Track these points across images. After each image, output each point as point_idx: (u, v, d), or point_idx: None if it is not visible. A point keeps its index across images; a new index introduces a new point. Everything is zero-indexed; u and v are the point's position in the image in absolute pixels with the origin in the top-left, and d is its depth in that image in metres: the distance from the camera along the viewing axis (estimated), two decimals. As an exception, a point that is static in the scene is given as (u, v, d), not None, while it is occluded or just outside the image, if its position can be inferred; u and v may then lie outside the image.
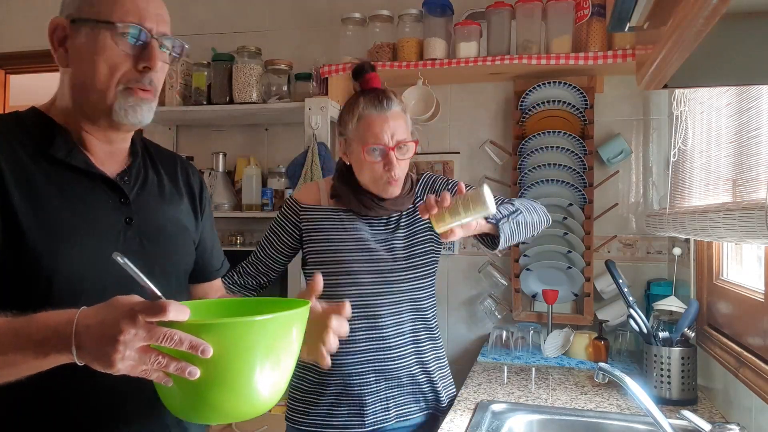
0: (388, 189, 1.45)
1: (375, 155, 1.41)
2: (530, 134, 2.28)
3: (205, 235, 1.19)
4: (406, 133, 1.44)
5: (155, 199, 1.07)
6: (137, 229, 1.01)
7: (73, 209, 0.95)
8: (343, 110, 1.49)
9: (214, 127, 2.77)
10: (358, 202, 1.48)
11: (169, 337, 0.72)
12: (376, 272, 1.46)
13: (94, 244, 0.95)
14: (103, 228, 0.97)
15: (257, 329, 0.79)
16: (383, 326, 1.46)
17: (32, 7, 2.98)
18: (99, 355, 0.73)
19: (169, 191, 1.11)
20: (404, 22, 2.31)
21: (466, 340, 2.45)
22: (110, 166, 1.02)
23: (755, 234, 1.03)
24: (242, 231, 2.67)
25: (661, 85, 0.86)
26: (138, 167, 1.07)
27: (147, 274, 0.91)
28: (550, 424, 1.50)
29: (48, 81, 4.41)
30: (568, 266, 2.23)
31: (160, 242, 1.04)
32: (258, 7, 2.74)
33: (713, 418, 1.48)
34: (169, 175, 1.13)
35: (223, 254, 1.28)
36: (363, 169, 1.45)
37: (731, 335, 1.49)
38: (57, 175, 0.95)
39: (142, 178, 1.07)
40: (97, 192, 0.98)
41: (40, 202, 0.92)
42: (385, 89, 1.47)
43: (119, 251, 0.90)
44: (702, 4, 0.58)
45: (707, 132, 1.59)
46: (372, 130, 1.41)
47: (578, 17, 2.14)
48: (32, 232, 0.90)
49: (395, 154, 1.41)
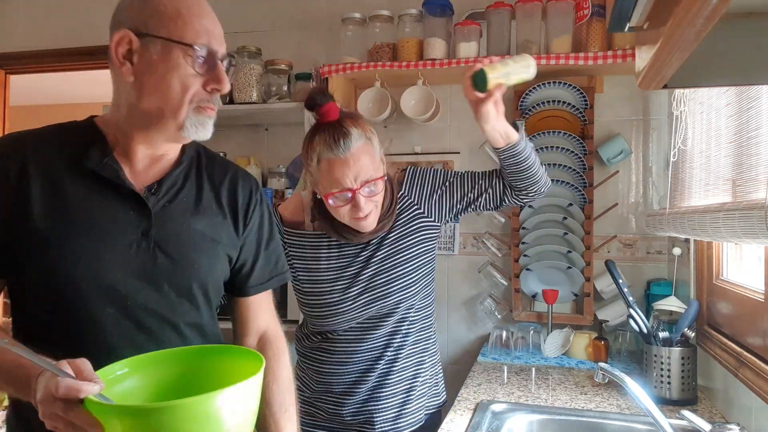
0: (360, 225, 1.35)
1: (340, 200, 1.32)
2: (530, 134, 2.28)
3: (246, 248, 1.14)
4: (372, 169, 1.31)
5: (184, 211, 1.05)
6: (154, 241, 1.00)
7: (91, 219, 0.97)
8: (304, 143, 1.37)
9: (214, 127, 2.76)
10: (337, 234, 1.40)
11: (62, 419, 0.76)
12: (359, 295, 1.41)
13: (107, 254, 0.97)
14: (115, 240, 0.98)
15: (185, 413, 0.71)
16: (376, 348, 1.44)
17: (32, 7, 2.97)
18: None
19: (206, 203, 1.08)
20: (404, 22, 2.30)
21: (466, 340, 2.45)
22: (148, 174, 1.03)
23: (755, 234, 1.03)
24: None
25: (661, 85, 0.86)
26: (176, 177, 1.06)
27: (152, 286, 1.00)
28: (550, 424, 1.50)
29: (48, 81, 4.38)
30: (568, 266, 2.23)
31: (177, 255, 1.02)
32: (258, 7, 2.74)
33: (713, 418, 1.48)
34: (213, 186, 1.10)
35: (275, 272, 1.19)
36: (333, 210, 1.35)
37: (731, 335, 1.49)
38: (85, 185, 0.98)
39: (176, 189, 1.05)
40: (120, 203, 0.99)
41: (59, 212, 0.96)
42: (342, 122, 1.30)
43: (129, 261, 0.98)
44: (702, 4, 0.58)
45: (707, 132, 1.59)
46: (333, 175, 1.29)
47: (578, 17, 2.13)
48: (50, 240, 0.94)
49: (361, 194, 1.30)
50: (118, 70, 0.97)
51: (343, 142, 1.28)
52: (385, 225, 1.41)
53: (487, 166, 2.43)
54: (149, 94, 0.96)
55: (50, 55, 2.84)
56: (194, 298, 1.05)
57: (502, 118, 1.37)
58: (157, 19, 0.95)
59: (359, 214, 1.32)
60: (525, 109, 2.32)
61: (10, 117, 3.12)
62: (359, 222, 1.34)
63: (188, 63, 0.96)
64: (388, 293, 1.42)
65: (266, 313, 1.20)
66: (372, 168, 1.32)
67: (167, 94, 0.96)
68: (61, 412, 0.75)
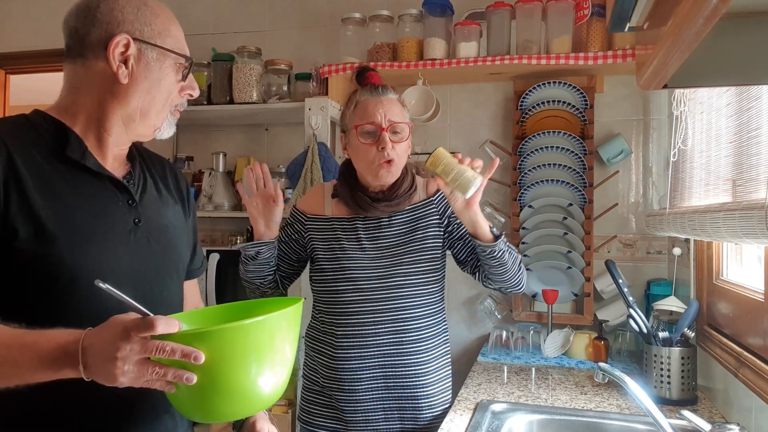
0: (381, 172, 1.45)
1: (368, 136, 1.45)
2: (530, 134, 2.28)
3: (191, 235, 1.23)
4: (400, 117, 1.47)
5: (155, 202, 1.11)
6: (144, 229, 1.05)
7: (91, 210, 0.99)
8: (346, 99, 1.56)
9: (214, 127, 2.77)
10: (354, 202, 1.50)
11: (161, 348, 0.79)
12: (374, 277, 1.48)
13: (110, 244, 0.99)
14: (117, 228, 1.01)
15: (246, 332, 0.83)
16: (386, 331, 1.47)
17: (32, 7, 2.98)
18: (102, 372, 0.80)
19: (165, 193, 1.15)
20: (404, 22, 2.31)
21: (466, 340, 2.45)
22: (115, 170, 1.06)
23: (755, 234, 1.03)
24: (242, 231, 2.67)
25: (661, 85, 0.86)
26: (138, 171, 1.11)
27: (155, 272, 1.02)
28: (550, 424, 1.50)
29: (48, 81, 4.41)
30: (568, 266, 2.23)
31: (162, 242, 1.08)
32: (258, 7, 2.74)
33: (713, 418, 1.48)
34: (161, 178, 1.17)
35: (203, 255, 1.30)
36: (359, 154, 1.47)
37: (731, 335, 1.49)
38: (71, 176, 0.99)
39: (143, 181, 1.11)
40: (108, 193, 1.02)
41: (60, 204, 0.95)
42: (383, 83, 1.53)
43: (130, 251, 1.01)
44: (702, 4, 0.58)
45: (707, 132, 1.59)
46: (366, 111, 1.46)
47: (578, 17, 2.13)
48: (55, 233, 0.94)
49: (388, 134, 1.44)
50: (103, 69, 0.99)
51: (381, 89, 1.50)
52: (401, 203, 1.51)
53: (487, 165, 2.43)
54: (139, 97, 1.02)
55: (50, 55, 2.84)
56: (175, 283, 1.13)
57: (481, 220, 1.40)
58: (152, 29, 1.02)
59: (384, 156, 1.43)
60: (525, 109, 2.33)
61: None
62: (382, 168, 1.44)
63: (176, 72, 1.05)
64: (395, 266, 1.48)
65: (197, 296, 1.29)
66: (401, 116, 1.48)
67: (155, 98, 1.03)
68: (155, 349, 0.78)
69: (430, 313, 1.52)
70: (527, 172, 2.28)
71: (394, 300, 1.47)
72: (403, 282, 1.47)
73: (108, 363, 0.78)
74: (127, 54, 0.99)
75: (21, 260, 0.93)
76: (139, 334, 0.78)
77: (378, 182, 1.48)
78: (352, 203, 1.51)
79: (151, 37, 1.01)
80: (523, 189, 2.29)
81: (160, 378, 0.80)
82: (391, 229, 1.51)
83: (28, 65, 3.03)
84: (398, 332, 1.47)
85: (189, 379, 0.80)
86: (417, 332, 1.49)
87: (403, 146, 1.48)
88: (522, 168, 2.30)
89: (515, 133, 2.35)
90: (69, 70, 1.04)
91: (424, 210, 1.53)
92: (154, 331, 0.78)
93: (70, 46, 1.02)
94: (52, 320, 0.87)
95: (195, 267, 1.25)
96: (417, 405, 1.48)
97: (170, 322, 0.80)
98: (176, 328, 0.81)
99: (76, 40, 1.01)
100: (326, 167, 2.21)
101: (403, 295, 1.48)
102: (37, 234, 0.92)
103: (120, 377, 0.79)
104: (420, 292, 1.50)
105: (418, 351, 1.49)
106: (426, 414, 1.50)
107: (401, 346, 1.47)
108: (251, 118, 2.58)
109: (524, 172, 2.29)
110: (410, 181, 1.53)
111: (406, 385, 1.48)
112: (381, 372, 1.47)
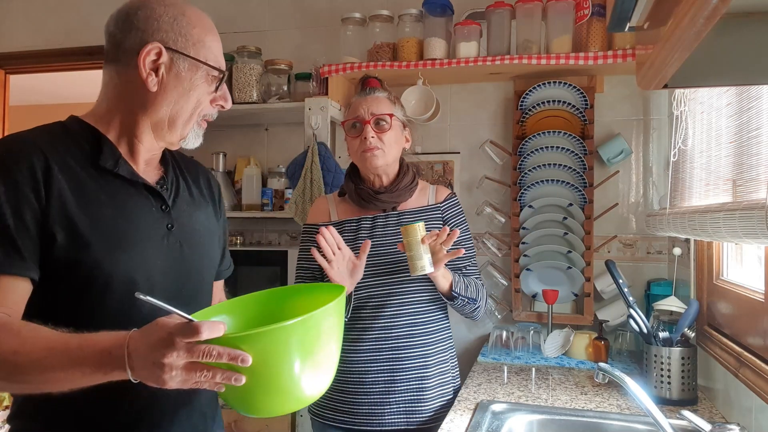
0: (365, 156, 1.54)
1: (353, 129, 1.56)
2: (530, 134, 2.28)
3: (222, 237, 1.25)
4: (385, 110, 1.56)
5: (188, 206, 1.13)
6: (177, 234, 1.07)
7: (125, 216, 1.00)
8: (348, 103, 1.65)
9: (213, 126, 2.74)
10: (359, 196, 1.59)
11: (208, 353, 0.79)
12: (382, 273, 1.54)
13: (143, 250, 1.01)
14: (150, 234, 1.03)
15: (291, 332, 0.84)
16: (394, 325, 1.53)
17: (32, 7, 2.97)
18: (150, 376, 0.81)
19: (197, 197, 1.17)
20: (404, 22, 2.30)
21: (466, 340, 2.45)
22: (149, 175, 1.08)
23: (755, 234, 1.03)
24: (242, 231, 2.67)
25: (661, 85, 0.86)
26: (171, 175, 1.12)
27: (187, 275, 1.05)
28: (550, 424, 1.50)
29: (48, 81, 4.38)
30: (568, 266, 2.23)
31: (195, 246, 1.10)
32: (258, 7, 2.74)
33: (713, 418, 1.48)
34: (194, 181, 1.19)
35: (230, 256, 1.31)
36: (349, 147, 1.60)
37: (731, 335, 1.49)
38: (106, 183, 1.00)
39: (176, 186, 1.12)
40: (142, 200, 1.04)
41: (95, 210, 0.97)
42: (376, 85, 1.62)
43: (163, 256, 1.03)
44: (702, 4, 0.58)
45: (707, 132, 1.59)
46: (353, 108, 1.58)
47: (578, 17, 2.13)
48: (91, 239, 0.95)
49: (371, 125, 1.53)
50: (135, 77, 1.00)
51: (369, 90, 1.61)
52: (402, 195, 1.60)
53: (487, 166, 2.44)
54: (167, 105, 1.03)
55: (50, 55, 2.84)
56: (206, 286, 1.14)
57: (440, 280, 1.50)
58: (186, 39, 1.02)
59: (366, 145, 1.53)
60: (525, 109, 2.32)
61: (10, 117, 3.12)
62: (365, 153, 1.54)
63: (208, 83, 1.05)
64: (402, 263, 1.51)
65: (222, 296, 1.30)
66: (385, 109, 1.57)
67: (184, 108, 1.04)
68: (202, 353, 0.78)
69: (436, 308, 1.59)
70: (527, 172, 2.28)
71: (402, 295, 1.54)
72: (409, 277, 1.50)
73: (155, 368, 0.79)
74: (159, 62, 1.00)
75: (57, 265, 0.94)
76: (184, 339, 0.78)
77: (368, 169, 1.57)
78: (357, 197, 1.59)
79: (185, 47, 1.02)
80: (523, 189, 2.29)
81: (208, 380, 0.81)
82: (398, 227, 1.56)
83: (28, 65, 3.02)
84: (405, 326, 1.53)
85: (238, 380, 0.81)
86: (423, 326, 1.55)
87: (390, 135, 1.55)
88: (522, 168, 2.30)
89: (515, 133, 2.35)
90: (106, 75, 1.05)
91: (431, 213, 1.62)
92: (199, 337, 0.78)
93: (108, 51, 1.03)
94: (86, 324, 0.88)
95: (224, 268, 1.27)
96: (422, 397, 1.53)
97: (215, 326, 0.80)
98: (221, 332, 0.80)
99: (113, 45, 1.02)
100: (326, 167, 2.21)
101: (411, 290, 1.54)
102: (73, 240, 0.94)
103: (168, 381, 0.79)
104: (426, 287, 1.55)
105: (424, 344, 1.55)
106: (430, 405, 1.55)
107: (408, 340, 1.53)
108: (251, 118, 2.58)
109: (524, 172, 2.29)
110: (411, 177, 1.62)
111: (412, 377, 1.53)
112: (388, 366, 1.52)
